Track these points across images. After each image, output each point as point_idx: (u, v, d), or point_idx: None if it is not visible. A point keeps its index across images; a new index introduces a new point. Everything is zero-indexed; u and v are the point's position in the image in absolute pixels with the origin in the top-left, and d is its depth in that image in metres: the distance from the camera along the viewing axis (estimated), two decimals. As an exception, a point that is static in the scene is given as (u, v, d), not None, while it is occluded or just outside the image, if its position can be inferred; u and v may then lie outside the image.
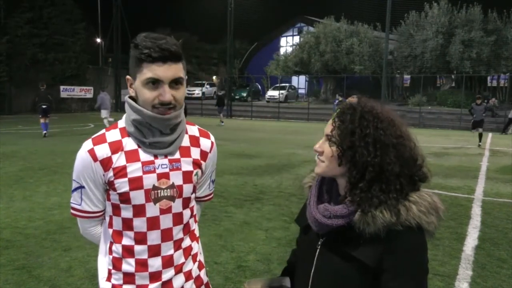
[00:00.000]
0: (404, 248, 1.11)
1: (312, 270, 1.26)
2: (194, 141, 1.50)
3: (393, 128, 1.17)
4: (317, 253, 1.26)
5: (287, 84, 37.08)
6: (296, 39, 38.91)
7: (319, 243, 1.26)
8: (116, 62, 35.07)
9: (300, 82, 41.09)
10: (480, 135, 14.69)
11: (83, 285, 3.56)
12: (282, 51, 40.02)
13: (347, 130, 1.16)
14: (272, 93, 34.64)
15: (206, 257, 4.50)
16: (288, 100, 34.85)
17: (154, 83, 1.31)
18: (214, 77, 46.83)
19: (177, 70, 1.33)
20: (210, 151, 1.54)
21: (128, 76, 1.39)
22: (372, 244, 1.12)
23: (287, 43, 41.94)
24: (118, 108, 35.01)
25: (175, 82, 1.34)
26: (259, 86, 39.84)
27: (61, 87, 30.41)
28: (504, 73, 27.96)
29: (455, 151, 12.96)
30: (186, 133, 1.48)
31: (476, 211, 6.15)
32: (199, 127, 1.56)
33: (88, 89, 32.70)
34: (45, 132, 14.81)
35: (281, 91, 33.83)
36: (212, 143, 1.56)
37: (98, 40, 39.40)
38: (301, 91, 40.21)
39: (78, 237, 4.72)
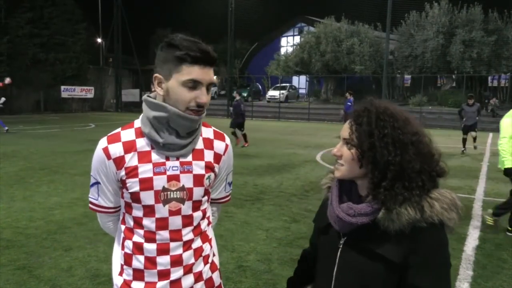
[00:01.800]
0: (429, 244, 1.15)
1: (335, 270, 1.27)
2: (208, 144, 1.50)
3: (409, 126, 1.20)
4: (339, 252, 1.27)
5: (287, 84, 37.08)
6: (297, 39, 38.88)
7: (341, 242, 1.27)
8: (117, 62, 35.09)
9: (300, 82, 41.08)
10: (474, 138, 12.70)
11: (84, 285, 3.56)
12: (282, 51, 40.00)
13: (365, 132, 1.18)
14: (272, 93, 34.63)
15: (206, 257, 4.46)
16: (288, 100, 34.84)
17: (194, 84, 1.34)
18: (215, 77, 46.82)
19: (212, 74, 1.39)
20: (224, 154, 1.55)
21: (157, 75, 1.39)
22: (397, 241, 1.14)
23: (288, 43, 41.94)
24: (118, 108, 35.04)
25: (209, 86, 1.38)
26: (260, 86, 39.84)
27: (62, 87, 30.45)
28: (504, 73, 27.92)
29: (455, 151, 12.94)
30: (201, 135, 1.49)
31: (477, 211, 6.14)
32: (214, 129, 1.57)
33: (89, 89, 32.73)
34: (6, 128, 15.88)
35: (282, 91, 33.84)
36: (226, 145, 1.56)
37: (99, 40, 39.45)
38: (302, 91, 40.19)
39: (78, 237, 4.73)
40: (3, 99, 17.34)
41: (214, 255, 1.59)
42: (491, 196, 7.15)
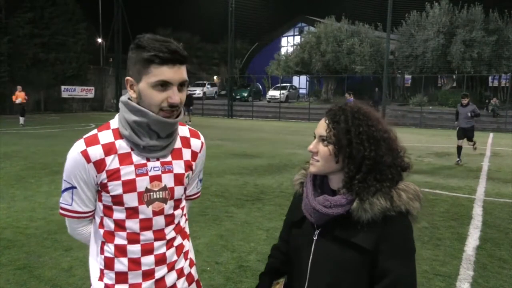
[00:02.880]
0: (398, 230, 1.25)
1: (310, 261, 1.33)
2: (185, 142, 1.51)
3: (380, 124, 1.30)
4: (313, 244, 1.34)
5: (288, 84, 37.06)
6: (297, 39, 38.86)
7: (316, 233, 1.34)
8: (118, 62, 35.08)
9: (301, 82, 41.06)
10: (473, 145, 11.03)
11: (84, 285, 3.56)
12: (283, 51, 39.96)
13: (342, 130, 1.27)
14: (273, 93, 34.61)
15: (207, 257, 4.52)
16: (289, 100, 34.80)
17: (163, 85, 1.32)
18: (215, 77, 46.87)
19: (184, 73, 1.36)
20: (200, 151, 1.55)
21: (128, 77, 1.37)
22: (369, 229, 1.24)
23: (288, 43, 41.91)
24: (118, 108, 35.01)
25: (181, 85, 1.36)
26: (260, 86, 39.82)
27: (62, 87, 30.43)
28: (505, 73, 27.91)
29: (456, 151, 12.92)
30: (178, 134, 1.49)
31: (477, 211, 6.14)
32: (189, 127, 1.57)
33: (89, 89, 32.71)
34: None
35: (282, 91, 33.80)
36: (202, 143, 1.57)
37: (99, 40, 39.45)
38: (302, 91, 40.16)
39: (79, 237, 4.73)
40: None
41: (191, 251, 1.62)
42: (492, 196, 7.15)
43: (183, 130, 1.52)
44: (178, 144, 1.47)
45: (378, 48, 31.62)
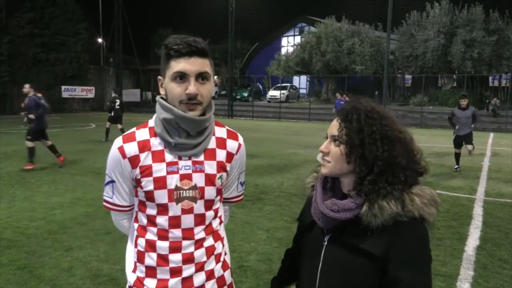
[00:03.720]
0: (410, 238, 1.17)
1: (320, 266, 1.29)
2: (221, 143, 1.51)
3: (395, 124, 1.25)
4: (323, 249, 1.29)
5: (288, 84, 37.07)
6: (297, 39, 38.85)
7: (326, 239, 1.29)
8: (118, 62, 35.09)
9: (301, 82, 41.06)
10: (470, 151, 9.80)
11: (85, 285, 3.56)
12: (283, 51, 39.97)
13: (355, 129, 1.22)
14: (273, 93, 34.61)
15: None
16: (289, 100, 34.80)
17: (181, 77, 1.35)
18: (215, 77, 46.72)
19: (203, 64, 1.37)
20: (236, 153, 1.56)
21: (159, 77, 1.44)
22: (379, 235, 1.18)
23: (288, 43, 41.91)
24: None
25: (201, 77, 1.37)
26: (260, 86, 39.83)
27: (63, 87, 30.45)
28: (505, 73, 27.92)
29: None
30: (214, 134, 1.50)
31: (478, 211, 6.14)
32: (228, 128, 1.58)
33: (90, 89, 32.73)
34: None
35: (282, 91, 33.80)
36: (239, 144, 1.58)
37: (100, 40, 39.45)
38: (302, 91, 40.17)
39: (79, 237, 4.73)
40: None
41: (225, 254, 1.61)
42: (492, 196, 7.14)
43: (220, 131, 1.54)
44: (212, 144, 1.49)
45: (379, 48, 31.61)
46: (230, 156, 1.53)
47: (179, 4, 60.13)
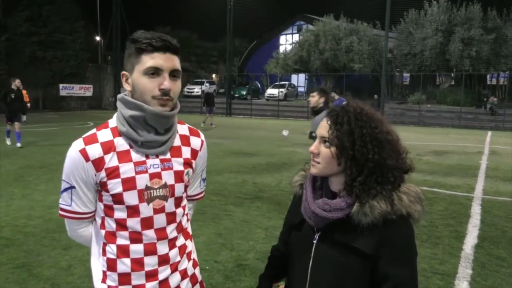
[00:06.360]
0: (399, 235, 1.23)
1: (310, 265, 1.32)
2: (185, 140, 1.50)
3: (383, 126, 1.28)
4: (314, 247, 1.32)
5: (286, 82, 37.02)
6: (296, 37, 38.85)
7: (316, 236, 1.32)
8: (116, 60, 35.00)
9: (299, 80, 41.05)
10: None
11: (83, 284, 3.56)
12: (281, 49, 39.95)
13: (345, 132, 1.25)
14: (271, 91, 34.58)
15: (205, 256, 4.51)
16: (287, 98, 34.79)
17: (155, 72, 1.32)
18: (213, 75, 46.78)
19: (176, 62, 1.36)
20: (200, 150, 1.54)
21: (124, 72, 1.39)
22: (369, 233, 1.21)
23: (287, 41, 41.88)
24: (116, 107, 34.96)
25: (173, 74, 1.35)
26: (259, 84, 39.79)
27: (60, 85, 30.33)
28: (503, 71, 27.93)
29: (454, 149, 12.95)
30: (177, 132, 1.48)
31: (476, 210, 6.15)
32: (189, 126, 1.57)
33: (88, 87, 32.62)
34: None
35: (281, 89, 33.77)
36: (202, 141, 1.56)
37: (98, 38, 39.34)
38: (301, 89, 40.15)
39: (77, 235, 4.72)
40: None
41: (194, 251, 1.61)
42: (490, 194, 7.16)
43: (182, 129, 1.52)
44: (177, 142, 1.47)
45: (377, 46, 31.65)
46: (194, 153, 1.51)
47: (177, 1, 59.96)
